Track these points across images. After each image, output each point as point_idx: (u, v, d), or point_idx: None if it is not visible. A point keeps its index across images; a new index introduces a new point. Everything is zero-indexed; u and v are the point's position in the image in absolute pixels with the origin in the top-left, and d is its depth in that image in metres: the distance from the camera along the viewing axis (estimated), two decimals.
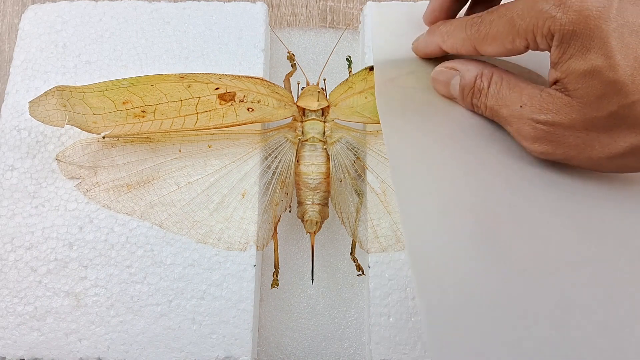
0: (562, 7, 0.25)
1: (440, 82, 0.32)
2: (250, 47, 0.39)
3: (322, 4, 0.45)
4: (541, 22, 0.26)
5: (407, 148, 0.30)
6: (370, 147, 0.36)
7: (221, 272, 0.34)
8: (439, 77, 0.32)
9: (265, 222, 0.35)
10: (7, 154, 0.36)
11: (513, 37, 0.27)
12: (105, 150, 0.35)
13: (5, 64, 0.43)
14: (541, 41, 0.26)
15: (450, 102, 0.33)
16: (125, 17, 0.40)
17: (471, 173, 0.29)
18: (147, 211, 0.35)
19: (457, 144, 0.30)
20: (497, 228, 0.27)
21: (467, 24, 0.30)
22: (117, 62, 0.39)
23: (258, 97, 0.35)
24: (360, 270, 0.36)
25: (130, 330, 0.33)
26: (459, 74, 0.31)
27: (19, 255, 0.34)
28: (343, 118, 0.36)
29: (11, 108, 0.37)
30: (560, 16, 0.25)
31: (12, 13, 0.45)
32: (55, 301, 0.33)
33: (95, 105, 0.34)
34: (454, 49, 0.31)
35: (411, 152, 0.30)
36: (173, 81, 0.34)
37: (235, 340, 0.33)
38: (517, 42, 0.27)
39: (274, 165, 0.36)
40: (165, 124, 0.34)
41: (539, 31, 0.26)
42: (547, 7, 0.25)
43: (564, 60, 0.26)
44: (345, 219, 0.35)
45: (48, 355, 0.33)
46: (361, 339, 0.36)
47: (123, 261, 0.34)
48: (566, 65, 0.26)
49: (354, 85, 0.35)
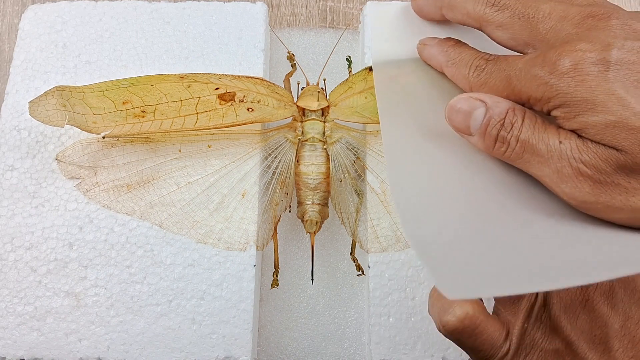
0: (556, 74, 0.24)
1: (459, 111, 0.28)
2: (250, 47, 0.39)
3: (322, 4, 0.45)
4: (534, 86, 0.25)
5: (404, 145, 0.30)
6: (370, 147, 0.36)
7: (221, 272, 0.34)
8: (461, 106, 0.28)
9: (265, 222, 0.35)
10: (7, 154, 0.36)
11: (508, 94, 0.27)
12: (105, 150, 0.35)
13: (5, 64, 0.43)
14: (535, 104, 0.26)
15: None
16: (125, 17, 0.40)
17: (466, 173, 0.29)
18: (147, 211, 0.35)
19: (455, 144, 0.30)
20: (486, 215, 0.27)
21: (470, 65, 0.29)
22: (117, 62, 0.39)
23: (258, 97, 0.35)
24: (360, 270, 0.36)
25: (130, 330, 0.33)
26: (484, 106, 0.27)
27: (19, 255, 0.34)
28: (343, 118, 0.36)
29: (11, 108, 0.37)
30: (555, 82, 0.24)
31: (12, 13, 0.45)
32: (55, 301, 0.33)
33: (95, 105, 0.34)
34: (455, 78, 0.30)
35: (408, 149, 0.30)
36: (173, 81, 0.34)
37: (235, 340, 0.33)
38: (513, 99, 0.27)
39: (274, 165, 0.36)
40: (165, 124, 0.34)
41: (533, 95, 0.25)
42: (542, 74, 0.25)
43: (570, 119, 0.25)
44: (345, 219, 0.35)
45: (48, 355, 0.33)
46: (361, 339, 0.36)
47: (123, 261, 0.34)
48: (576, 122, 0.24)
49: (354, 86, 0.35)
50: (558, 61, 0.24)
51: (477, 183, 0.29)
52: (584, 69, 0.24)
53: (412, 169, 0.29)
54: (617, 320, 0.25)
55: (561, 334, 0.25)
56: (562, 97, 0.24)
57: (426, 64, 0.34)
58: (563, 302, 0.26)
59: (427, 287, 0.34)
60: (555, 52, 0.25)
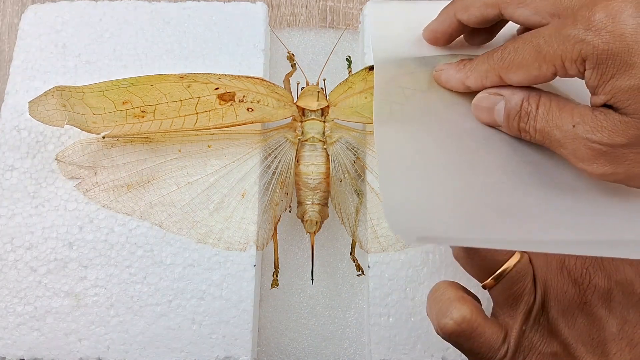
0: (592, 30, 0.24)
1: (483, 108, 0.30)
2: (250, 47, 0.39)
3: (322, 4, 0.45)
4: (570, 46, 0.25)
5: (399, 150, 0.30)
6: (370, 147, 0.36)
7: (221, 272, 0.34)
8: (481, 104, 0.30)
9: (265, 222, 0.35)
10: (7, 154, 0.36)
11: (539, 63, 0.26)
12: (105, 150, 0.35)
13: (5, 64, 0.43)
14: (570, 66, 0.25)
15: (448, 104, 0.33)
16: (125, 17, 0.40)
17: (461, 175, 0.29)
18: (147, 211, 0.35)
19: (452, 147, 0.31)
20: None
21: (490, 55, 0.29)
22: (117, 62, 0.39)
23: (258, 97, 0.35)
24: (360, 270, 0.36)
25: (130, 330, 0.33)
26: (503, 99, 0.29)
27: (19, 255, 0.34)
28: (343, 118, 0.36)
29: (11, 108, 0.37)
30: (592, 39, 0.24)
31: (12, 13, 0.45)
32: (55, 301, 0.33)
33: (95, 105, 0.34)
34: (478, 82, 0.30)
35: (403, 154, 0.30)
36: (173, 81, 0.34)
37: (235, 340, 0.33)
38: (544, 68, 0.26)
39: (273, 165, 0.36)
40: (165, 124, 0.34)
41: (567, 56, 0.25)
42: (576, 32, 0.24)
43: (605, 81, 0.25)
44: (345, 219, 0.35)
45: (48, 355, 0.33)
46: (361, 339, 0.36)
47: (123, 261, 0.34)
48: (609, 86, 0.24)
49: (353, 85, 0.35)
50: (592, 16, 0.24)
51: (476, 166, 0.29)
52: (621, 21, 0.23)
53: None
54: (615, 324, 0.25)
55: (559, 336, 0.25)
56: (599, 55, 0.24)
57: (426, 65, 0.34)
58: (561, 305, 0.26)
59: (427, 288, 0.34)
60: (587, 9, 0.24)
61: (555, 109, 0.27)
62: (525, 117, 0.28)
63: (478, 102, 0.30)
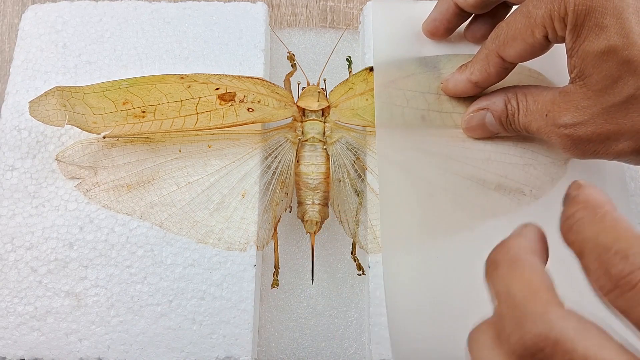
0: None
1: (475, 127, 0.32)
2: (250, 47, 0.39)
3: (322, 4, 0.45)
4: (556, 5, 0.26)
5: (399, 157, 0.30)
6: (370, 147, 0.36)
7: (221, 272, 0.34)
8: (472, 123, 0.32)
9: (265, 222, 0.35)
10: (7, 154, 0.36)
11: (532, 29, 0.27)
12: (105, 151, 0.35)
13: (6, 64, 0.43)
14: (559, 26, 0.26)
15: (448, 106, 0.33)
16: (125, 17, 0.40)
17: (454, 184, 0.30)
18: (147, 211, 0.35)
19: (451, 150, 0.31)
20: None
21: (486, 41, 0.30)
22: (117, 62, 0.39)
23: (258, 98, 0.35)
24: (360, 269, 0.36)
25: (131, 330, 0.33)
26: (488, 111, 0.31)
27: (19, 255, 0.34)
28: (344, 120, 0.36)
29: (11, 108, 0.37)
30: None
31: (12, 13, 0.45)
32: (56, 301, 0.33)
33: (95, 105, 0.34)
34: (482, 71, 0.31)
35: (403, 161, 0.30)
36: (173, 81, 0.34)
37: (235, 340, 0.33)
38: (536, 32, 0.27)
39: (274, 166, 0.36)
40: (165, 124, 0.34)
41: (555, 15, 0.26)
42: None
43: (578, 45, 0.26)
44: (344, 219, 0.35)
45: (48, 355, 0.33)
46: (361, 339, 0.36)
47: (123, 261, 0.34)
48: (581, 50, 0.26)
49: (354, 87, 0.35)
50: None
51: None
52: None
53: (403, 189, 0.31)
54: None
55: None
56: (578, 12, 0.25)
57: (426, 66, 0.34)
58: None
59: None
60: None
61: (531, 101, 0.29)
62: (512, 116, 0.30)
63: (467, 124, 0.32)
